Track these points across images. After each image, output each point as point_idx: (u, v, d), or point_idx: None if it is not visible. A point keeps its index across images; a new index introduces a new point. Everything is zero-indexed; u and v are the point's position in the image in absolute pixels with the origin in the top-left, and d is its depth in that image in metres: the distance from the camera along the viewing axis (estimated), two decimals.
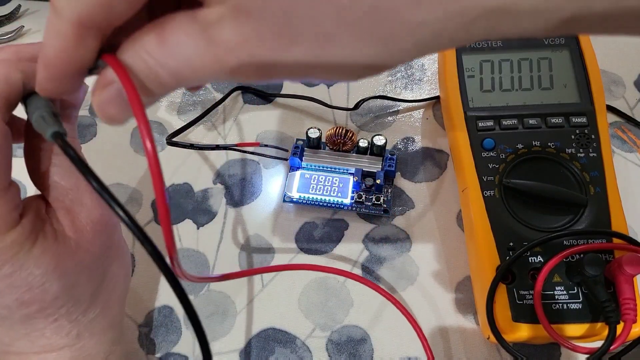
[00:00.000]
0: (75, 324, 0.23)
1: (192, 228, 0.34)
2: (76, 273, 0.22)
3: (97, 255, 0.23)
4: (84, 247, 0.22)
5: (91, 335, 0.24)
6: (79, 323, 0.23)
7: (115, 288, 0.25)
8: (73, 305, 0.23)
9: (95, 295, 0.24)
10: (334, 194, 0.34)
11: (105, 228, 0.24)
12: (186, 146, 0.35)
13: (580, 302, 0.27)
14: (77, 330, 0.23)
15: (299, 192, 0.34)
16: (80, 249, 0.22)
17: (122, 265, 0.26)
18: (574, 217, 0.29)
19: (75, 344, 0.23)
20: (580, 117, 0.32)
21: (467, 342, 0.30)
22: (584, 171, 0.30)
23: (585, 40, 0.34)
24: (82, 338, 0.24)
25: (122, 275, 0.26)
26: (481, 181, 0.31)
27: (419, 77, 0.40)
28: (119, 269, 0.26)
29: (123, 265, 0.26)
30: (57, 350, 0.23)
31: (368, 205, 0.34)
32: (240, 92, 0.40)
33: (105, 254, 0.24)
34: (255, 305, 0.32)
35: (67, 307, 0.22)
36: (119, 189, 0.36)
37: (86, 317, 0.23)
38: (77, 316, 0.23)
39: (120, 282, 0.26)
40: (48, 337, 0.23)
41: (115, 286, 0.25)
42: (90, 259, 0.23)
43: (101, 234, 0.23)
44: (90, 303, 0.24)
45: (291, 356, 0.30)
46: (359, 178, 0.34)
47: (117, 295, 0.26)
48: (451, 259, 0.33)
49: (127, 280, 0.27)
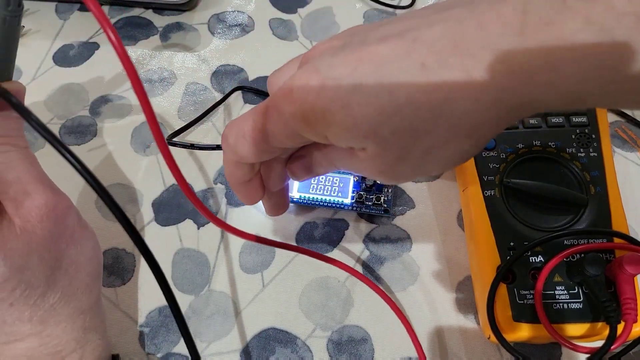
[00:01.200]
0: (35, 308, 0.24)
1: (193, 228, 0.34)
2: (24, 255, 0.23)
3: (46, 238, 0.24)
4: (29, 231, 0.23)
5: (57, 323, 0.24)
6: (39, 308, 0.24)
7: (77, 273, 0.26)
8: (27, 289, 0.23)
9: (53, 279, 0.24)
10: (334, 194, 0.34)
11: (52, 212, 0.24)
12: (186, 146, 0.35)
13: (580, 301, 0.27)
14: (38, 315, 0.24)
15: (299, 192, 0.34)
16: (25, 232, 0.23)
17: (82, 250, 0.26)
18: (574, 216, 0.29)
19: (42, 332, 0.24)
20: (581, 117, 0.32)
21: (468, 341, 0.30)
22: (585, 171, 0.30)
23: None
24: (47, 324, 0.24)
25: (83, 260, 0.26)
26: (482, 181, 0.31)
27: None
28: (79, 255, 0.26)
29: (84, 251, 0.26)
30: (24, 339, 0.24)
31: (369, 205, 0.33)
32: (240, 92, 0.40)
33: (56, 238, 0.25)
34: (256, 305, 0.32)
35: (21, 290, 0.23)
36: (119, 189, 0.36)
37: (45, 301, 0.24)
38: (35, 300, 0.24)
39: (83, 267, 0.26)
40: (10, 324, 0.23)
41: (77, 271, 0.26)
42: (38, 242, 0.24)
43: (48, 219, 0.24)
44: (47, 287, 0.24)
45: (292, 356, 0.30)
46: (360, 178, 0.34)
47: (81, 281, 0.26)
48: (452, 258, 0.33)
49: (92, 265, 0.27)
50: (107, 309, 0.32)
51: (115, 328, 0.31)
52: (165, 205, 0.35)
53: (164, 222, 0.35)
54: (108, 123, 0.39)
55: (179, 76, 0.41)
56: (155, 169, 0.37)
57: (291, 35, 0.43)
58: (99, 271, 0.28)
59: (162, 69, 0.42)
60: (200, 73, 0.41)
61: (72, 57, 0.42)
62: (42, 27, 0.44)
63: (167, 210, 0.35)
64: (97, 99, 0.40)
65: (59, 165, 0.37)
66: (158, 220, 0.35)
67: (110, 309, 0.32)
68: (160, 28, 0.44)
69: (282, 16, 0.44)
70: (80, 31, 0.44)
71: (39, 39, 0.44)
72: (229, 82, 0.41)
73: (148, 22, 0.44)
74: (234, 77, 0.41)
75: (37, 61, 0.42)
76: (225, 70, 0.41)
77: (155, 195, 0.36)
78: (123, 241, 0.34)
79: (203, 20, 0.44)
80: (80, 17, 0.45)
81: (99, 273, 0.28)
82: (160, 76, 0.41)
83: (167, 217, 0.35)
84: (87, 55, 0.42)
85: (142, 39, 0.43)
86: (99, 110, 0.39)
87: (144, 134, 0.38)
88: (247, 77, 0.41)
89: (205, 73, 0.41)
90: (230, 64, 0.42)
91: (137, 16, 0.45)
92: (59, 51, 0.43)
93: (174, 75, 0.41)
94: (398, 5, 0.44)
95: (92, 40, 0.43)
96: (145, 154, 0.37)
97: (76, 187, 0.36)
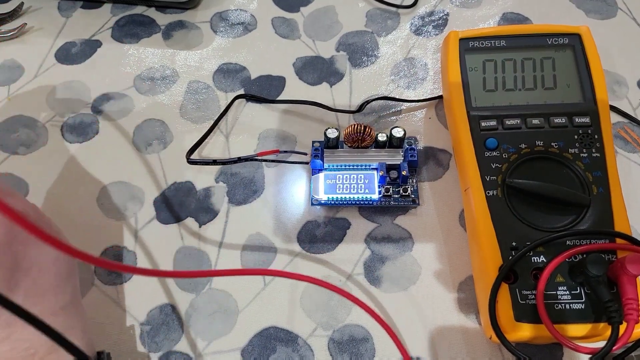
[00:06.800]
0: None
1: (194, 226, 0.34)
2: None
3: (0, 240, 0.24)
4: None
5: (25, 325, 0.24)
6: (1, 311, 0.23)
7: (41, 274, 0.25)
8: None
9: (14, 281, 0.24)
10: (361, 191, 0.34)
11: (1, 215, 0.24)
12: (209, 163, 0.35)
13: (582, 302, 0.27)
14: (3, 319, 0.23)
15: (326, 194, 0.34)
16: None
17: (45, 251, 0.26)
18: (576, 217, 0.29)
19: (10, 335, 0.24)
20: (584, 117, 0.32)
21: (469, 342, 0.30)
22: (587, 171, 0.30)
23: (589, 41, 0.34)
24: (15, 327, 0.24)
25: (48, 261, 0.26)
26: (484, 181, 0.31)
27: (422, 76, 0.40)
28: (41, 256, 0.26)
29: (46, 252, 0.26)
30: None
31: (396, 198, 0.34)
32: (244, 100, 0.40)
33: (11, 240, 0.24)
34: (257, 304, 0.32)
35: None
36: (121, 187, 0.36)
37: None
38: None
39: (48, 268, 0.26)
40: None
41: (40, 272, 0.25)
42: None
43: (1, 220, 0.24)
44: (8, 289, 0.24)
45: (293, 355, 0.30)
46: (384, 171, 0.34)
47: (47, 282, 0.25)
48: (453, 258, 0.33)
49: (59, 266, 0.27)
50: (108, 307, 0.32)
51: (116, 326, 0.31)
52: (167, 203, 0.35)
53: (165, 220, 0.35)
54: (110, 121, 0.39)
55: (181, 74, 0.41)
56: (157, 167, 0.37)
57: (294, 34, 0.43)
58: (70, 271, 0.28)
59: (165, 67, 0.42)
60: (203, 71, 0.41)
61: (75, 54, 0.42)
62: (45, 25, 0.44)
63: (169, 209, 0.35)
64: (99, 97, 0.40)
65: (59, 166, 0.37)
66: (159, 218, 0.35)
67: (112, 306, 0.32)
68: (163, 26, 0.44)
69: (284, 15, 0.44)
70: (83, 29, 0.44)
71: (41, 37, 0.44)
72: (231, 80, 0.41)
73: (151, 20, 0.44)
74: (236, 76, 0.41)
75: (39, 59, 0.42)
76: (227, 69, 0.41)
77: (156, 194, 0.36)
78: (124, 239, 0.34)
79: (205, 18, 0.44)
80: (82, 14, 0.45)
81: (69, 273, 0.27)
82: (163, 74, 0.41)
83: (168, 215, 0.35)
84: (89, 52, 0.42)
85: (145, 37, 0.43)
86: (100, 108, 0.39)
87: (145, 132, 0.38)
88: (250, 75, 0.41)
89: (207, 71, 0.41)
90: (232, 62, 0.42)
91: (139, 14, 0.45)
92: (61, 49, 0.43)
93: (176, 73, 0.41)
94: (401, 5, 0.44)
95: (94, 37, 0.43)
96: (147, 152, 0.37)
97: (77, 186, 0.36)
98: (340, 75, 0.41)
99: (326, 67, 0.41)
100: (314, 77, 0.41)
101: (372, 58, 0.41)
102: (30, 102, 0.40)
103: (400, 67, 0.41)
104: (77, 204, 0.35)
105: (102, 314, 0.32)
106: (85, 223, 0.35)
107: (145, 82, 0.41)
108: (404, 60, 0.41)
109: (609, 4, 0.43)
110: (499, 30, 0.35)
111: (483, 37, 0.34)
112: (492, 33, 0.35)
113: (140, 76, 0.41)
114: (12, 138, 0.38)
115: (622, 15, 0.43)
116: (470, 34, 0.35)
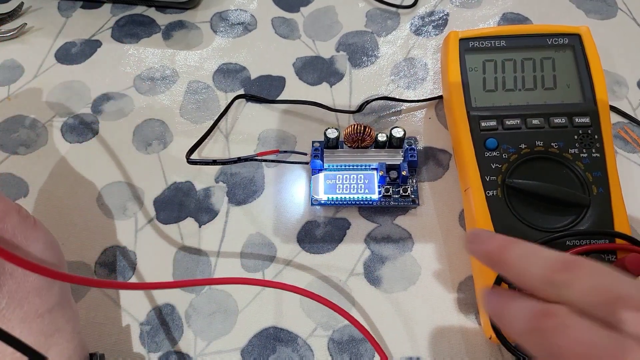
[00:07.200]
0: None
1: (194, 226, 0.34)
2: None
3: None
4: None
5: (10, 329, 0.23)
6: None
7: (26, 276, 0.25)
8: None
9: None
10: (361, 191, 0.34)
11: None
12: (208, 163, 0.35)
13: None
14: None
15: (326, 194, 0.34)
16: None
17: (30, 252, 0.26)
18: (576, 217, 0.29)
19: None
20: (584, 117, 0.32)
21: (469, 342, 0.30)
22: (587, 171, 0.30)
23: (589, 41, 0.34)
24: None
25: None
26: (484, 181, 0.31)
27: (422, 76, 0.40)
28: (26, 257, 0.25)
29: (32, 253, 0.26)
30: None
31: (396, 198, 0.34)
32: (244, 100, 0.40)
33: None
34: (257, 304, 0.32)
35: None
36: (121, 187, 0.36)
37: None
38: None
39: None
40: None
41: (25, 274, 0.25)
42: None
43: None
44: None
45: (293, 355, 0.30)
46: (384, 171, 0.34)
47: (32, 284, 0.25)
48: (453, 258, 0.33)
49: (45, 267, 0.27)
50: (108, 307, 0.32)
51: (116, 326, 0.31)
52: (167, 203, 0.35)
53: (165, 220, 0.35)
54: (110, 121, 0.39)
55: (181, 74, 0.41)
56: (157, 167, 0.37)
57: (294, 34, 0.43)
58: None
59: (164, 67, 0.42)
60: (203, 71, 0.41)
61: (74, 54, 0.42)
62: (45, 25, 0.44)
63: (169, 209, 0.35)
64: (99, 97, 0.40)
65: (59, 166, 0.37)
66: (159, 218, 0.35)
67: (111, 307, 0.32)
68: (163, 26, 0.44)
69: (284, 15, 0.44)
70: (83, 29, 0.44)
71: (41, 37, 0.44)
72: (231, 80, 0.41)
73: (150, 20, 0.44)
74: (236, 76, 0.41)
75: (39, 58, 0.42)
76: (227, 69, 0.41)
77: (156, 194, 0.36)
78: (124, 239, 0.34)
79: (205, 18, 0.44)
80: (82, 14, 0.45)
81: None
82: (163, 74, 0.41)
83: (168, 215, 0.35)
84: (89, 52, 0.42)
85: (145, 37, 0.43)
86: (100, 108, 0.39)
87: (145, 132, 0.38)
88: (250, 75, 0.41)
89: (207, 71, 0.41)
90: (232, 62, 0.42)
91: (139, 14, 0.45)
92: (61, 49, 0.43)
93: (176, 73, 0.41)
94: (401, 5, 0.44)
95: (94, 37, 0.43)
96: (146, 152, 0.37)
97: (77, 184, 0.36)
98: (340, 75, 0.41)
99: (326, 67, 0.41)
100: (314, 77, 0.41)
101: (372, 58, 0.41)
102: (30, 102, 0.40)
103: (400, 67, 0.41)
104: (77, 204, 0.35)
105: (102, 314, 0.32)
106: (85, 223, 0.35)
107: (145, 82, 0.41)
108: (404, 61, 0.41)
109: (609, 4, 0.43)
110: (499, 30, 0.35)
111: (483, 37, 0.34)
112: (492, 33, 0.35)
113: (140, 76, 0.41)
114: (12, 138, 0.38)
115: (622, 15, 0.43)
116: (470, 34, 0.35)
